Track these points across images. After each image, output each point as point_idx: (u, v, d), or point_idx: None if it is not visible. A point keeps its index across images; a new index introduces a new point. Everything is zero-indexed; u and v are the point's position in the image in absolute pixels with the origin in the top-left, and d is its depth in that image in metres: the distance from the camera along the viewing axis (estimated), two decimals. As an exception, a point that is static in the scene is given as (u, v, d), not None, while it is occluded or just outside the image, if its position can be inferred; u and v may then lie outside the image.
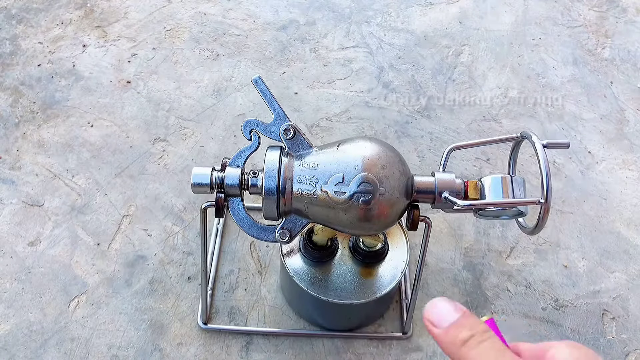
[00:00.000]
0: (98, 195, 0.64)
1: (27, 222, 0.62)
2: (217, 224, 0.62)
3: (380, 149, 0.42)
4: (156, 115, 0.72)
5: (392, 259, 0.53)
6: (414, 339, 0.56)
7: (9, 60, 0.77)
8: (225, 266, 0.60)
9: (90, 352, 0.54)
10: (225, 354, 0.54)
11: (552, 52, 0.82)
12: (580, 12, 0.88)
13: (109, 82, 0.75)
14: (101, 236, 0.61)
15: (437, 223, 0.64)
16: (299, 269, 0.52)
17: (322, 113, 0.74)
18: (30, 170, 0.66)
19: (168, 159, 0.68)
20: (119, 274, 0.59)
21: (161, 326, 0.56)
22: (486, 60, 0.81)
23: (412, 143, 0.71)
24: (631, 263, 0.62)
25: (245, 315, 0.57)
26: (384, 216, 0.43)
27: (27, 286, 0.57)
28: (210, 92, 0.75)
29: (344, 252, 0.53)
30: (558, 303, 0.59)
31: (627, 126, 0.74)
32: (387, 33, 0.84)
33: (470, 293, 0.59)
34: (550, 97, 0.77)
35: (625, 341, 0.57)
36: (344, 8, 0.86)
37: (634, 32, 0.86)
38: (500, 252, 0.62)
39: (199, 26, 0.83)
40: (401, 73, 0.79)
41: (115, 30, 0.81)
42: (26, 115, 0.71)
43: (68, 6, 0.83)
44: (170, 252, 0.61)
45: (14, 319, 0.55)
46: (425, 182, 0.43)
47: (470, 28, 0.85)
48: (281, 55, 0.80)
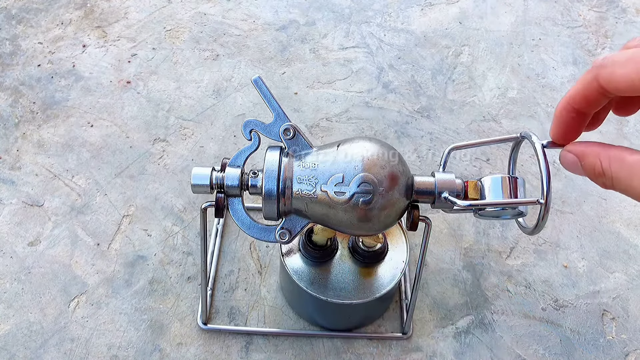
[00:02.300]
0: (98, 195, 0.64)
1: (27, 222, 0.62)
2: (217, 224, 0.62)
3: (380, 149, 0.42)
4: (156, 116, 0.72)
5: (392, 259, 0.53)
6: (414, 339, 0.56)
7: (9, 60, 0.77)
8: (225, 266, 0.60)
9: (90, 352, 0.54)
10: (225, 354, 0.54)
11: (552, 53, 0.82)
12: (580, 13, 0.88)
13: (109, 82, 0.75)
14: (101, 236, 0.61)
15: (437, 223, 0.64)
16: (298, 269, 0.52)
17: (322, 113, 0.74)
18: (30, 171, 0.66)
19: (168, 159, 0.68)
20: (118, 274, 0.59)
21: (161, 326, 0.56)
22: (486, 60, 0.81)
23: (412, 143, 0.71)
24: (631, 263, 0.62)
25: (245, 316, 0.57)
26: (384, 216, 0.43)
27: (27, 286, 0.58)
28: (210, 92, 0.75)
29: (344, 252, 0.53)
30: (558, 303, 0.59)
31: (627, 126, 0.75)
32: (387, 33, 0.84)
33: (470, 293, 0.59)
34: (550, 97, 0.77)
35: (625, 341, 0.57)
36: (344, 8, 0.86)
37: (634, 32, 0.86)
38: (500, 253, 0.62)
39: (199, 26, 0.83)
40: (401, 73, 0.79)
41: (115, 30, 0.81)
42: (26, 115, 0.71)
43: (68, 6, 0.83)
44: (170, 252, 0.61)
45: (13, 319, 0.55)
46: (425, 182, 0.43)
47: (470, 28, 0.85)
48: (281, 55, 0.80)
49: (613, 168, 0.33)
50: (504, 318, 0.58)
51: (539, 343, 0.56)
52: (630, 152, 0.32)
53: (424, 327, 0.57)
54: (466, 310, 0.58)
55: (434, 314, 0.58)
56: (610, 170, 0.33)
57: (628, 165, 0.32)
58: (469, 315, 0.58)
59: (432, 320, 0.57)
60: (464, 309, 0.58)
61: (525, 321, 0.58)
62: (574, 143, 0.36)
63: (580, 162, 0.35)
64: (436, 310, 0.58)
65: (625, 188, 0.32)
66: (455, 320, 0.57)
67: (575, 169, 0.36)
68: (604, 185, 0.34)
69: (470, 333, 0.57)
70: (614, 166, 0.33)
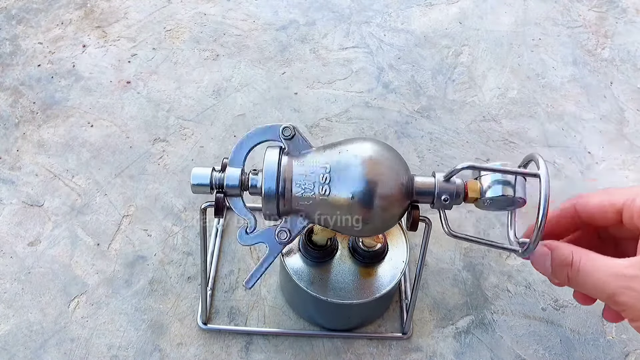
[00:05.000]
0: (98, 195, 0.64)
1: (27, 222, 0.62)
2: (217, 224, 0.62)
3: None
4: (156, 116, 0.72)
5: (392, 259, 0.53)
6: (413, 339, 0.56)
7: (9, 60, 0.77)
8: (225, 266, 0.60)
9: (90, 352, 0.54)
10: (225, 354, 0.54)
11: (551, 53, 0.82)
12: (580, 13, 0.88)
13: (108, 82, 0.75)
14: (101, 236, 0.61)
15: (437, 223, 0.64)
16: (298, 269, 0.52)
17: (322, 113, 0.74)
18: (30, 171, 0.66)
19: (168, 159, 0.68)
20: (118, 274, 0.59)
21: (161, 326, 0.56)
22: (486, 60, 0.81)
23: (412, 143, 0.71)
24: (631, 263, 0.62)
25: (245, 316, 0.57)
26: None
27: (27, 286, 0.58)
28: (210, 92, 0.75)
29: (344, 252, 0.53)
30: (558, 303, 0.59)
31: (627, 126, 0.75)
32: (387, 33, 0.84)
33: (470, 293, 0.59)
34: (550, 97, 0.77)
35: (625, 341, 0.57)
36: (344, 8, 0.86)
37: (634, 32, 0.86)
38: (500, 253, 0.62)
39: (199, 26, 0.83)
40: (401, 73, 0.79)
41: (115, 30, 0.81)
42: (26, 115, 0.71)
43: (68, 6, 0.83)
44: (170, 252, 0.61)
45: (13, 319, 0.55)
46: (425, 182, 0.43)
47: (470, 28, 0.85)
48: (281, 55, 0.80)
49: (582, 261, 0.37)
50: (504, 318, 0.58)
51: (539, 343, 0.56)
52: (600, 254, 0.37)
53: (424, 327, 0.57)
54: (466, 310, 0.58)
55: (434, 314, 0.58)
56: (579, 262, 0.37)
57: (597, 261, 0.37)
58: (469, 315, 0.58)
59: (432, 320, 0.57)
60: (464, 309, 0.58)
61: (525, 321, 0.58)
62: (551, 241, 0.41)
63: (552, 252, 0.39)
64: (436, 310, 0.58)
65: (587, 280, 0.37)
66: (455, 320, 0.57)
67: (543, 259, 0.40)
68: (566, 278, 0.38)
69: (470, 333, 0.57)
70: (584, 259, 0.37)
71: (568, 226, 0.43)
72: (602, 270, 0.36)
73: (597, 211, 0.40)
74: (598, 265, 0.36)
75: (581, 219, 0.42)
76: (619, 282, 0.35)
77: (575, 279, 0.37)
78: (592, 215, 0.41)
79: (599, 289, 0.36)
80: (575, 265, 0.37)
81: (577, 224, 0.42)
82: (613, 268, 0.35)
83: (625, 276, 0.34)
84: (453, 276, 0.60)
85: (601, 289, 0.36)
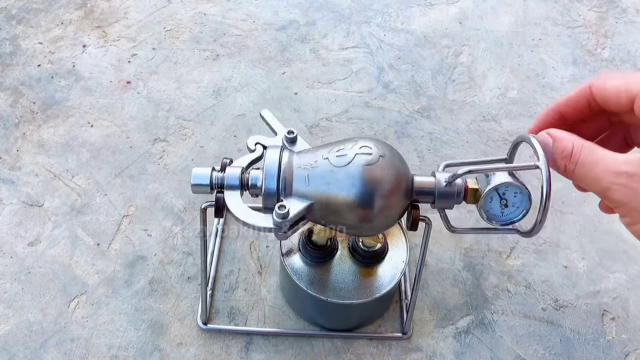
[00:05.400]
0: (98, 195, 0.64)
1: (27, 222, 0.62)
2: (217, 224, 0.62)
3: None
4: (156, 116, 0.72)
5: (392, 259, 0.53)
6: (413, 339, 0.56)
7: (9, 60, 0.77)
8: (225, 266, 0.60)
9: (90, 352, 0.54)
10: (225, 354, 0.54)
11: (551, 53, 0.82)
12: (580, 13, 0.88)
13: (109, 82, 0.75)
14: (101, 236, 0.61)
15: (437, 223, 0.64)
16: (298, 269, 0.52)
17: (322, 113, 0.74)
18: (30, 171, 0.66)
19: (168, 159, 0.68)
20: (118, 274, 0.59)
21: (161, 326, 0.56)
22: (486, 60, 0.81)
23: (412, 143, 0.71)
24: (631, 263, 0.62)
25: (245, 316, 0.57)
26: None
27: (27, 286, 0.57)
28: (210, 92, 0.75)
29: (344, 252, 0.53)
30: (558, 303, 0.59)
31: (627, 126, 0.75)
32: (387, 33, 0.84)
33: (470, 293, 0.59)
34: (550, 97, 0.77)
35: (625, 341, 0.57)
36: (344, 8, 0.86)
37: (634, 32, 0.86)
38: (500, 253, 0.62)
39: (199, 26, 0.83)
40: (401, 73, 0.79)
41: (115, 30, 0.81)
42: (26, 115, 0.71)
43: (68, 6, 0.83)
44: (170, 252, 0.61)
45: (13, 319, 0.55)
46: (425, 182, 0.43)
47: (470, 28, 0.85)
48: (281, 55, 0.80)
49: (582, 154, 0.36)
50: (504, 318, 0.58)
51: (539, 343, 0.56)
52: (602, 148, 0.35)
53: (424, 327, 0.57)
54: (466, 310, 0.58)
55: (434, 314, 0.58)
56: (578, 155, 0.36)
57: (596, 155, 0.35)
58: (469, 315, 0.58)
59: (432, 320, 0.57)
60: (464, 309, 0.58)
61: (525, 321, 0.58)
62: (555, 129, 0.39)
63: (553, 142, 0.38)
64: (436, 310, 0.58)
65: (584, 173, 0.36)
66: (455, 320, 0.57)
67: (544, 146, 0.38)
68: (564, 170, 0.37)
69: (470, 333, 0.57)
70: (584, 152, 0.36)
71: (582, 109, 0.40)
72: (600, 164, 0.35)
73: (612, 95, 0.38)
74: (596, 159, 0.35)
75: (596, 102, 0.39)
76: (614, 179, 0.34)
77: (572, 171, 0.37)
78: (607, 98, 0.38)
79: (594, 183, 0.35)
80: (575, 157, 0.36)
81: (592, 106, 0.40)
82: (611, 164, 0.34)
83: (621, 173, 0.33)
84: (453, 276, 0.60)
85: (596, 183, 0.35)
